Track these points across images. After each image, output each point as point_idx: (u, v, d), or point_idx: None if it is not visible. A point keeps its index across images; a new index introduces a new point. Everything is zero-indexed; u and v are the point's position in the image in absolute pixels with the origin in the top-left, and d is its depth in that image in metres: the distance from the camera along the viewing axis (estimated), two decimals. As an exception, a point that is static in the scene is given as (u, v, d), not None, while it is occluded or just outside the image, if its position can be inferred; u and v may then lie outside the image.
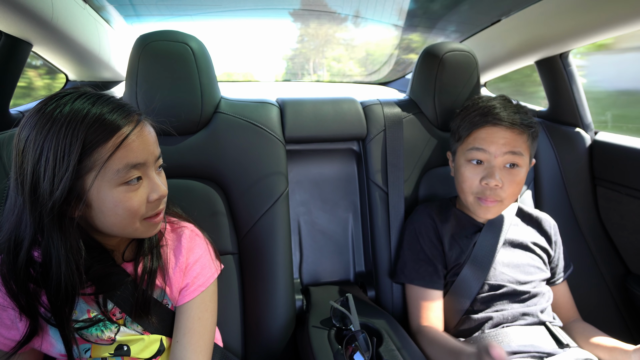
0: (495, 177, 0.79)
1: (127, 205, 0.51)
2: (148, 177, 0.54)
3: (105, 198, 0.50)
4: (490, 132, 0.81)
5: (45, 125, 0.47)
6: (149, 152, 0.53)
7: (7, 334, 0.55)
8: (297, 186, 1.08)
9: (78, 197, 0.49)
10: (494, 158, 0.80)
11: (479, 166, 0.83)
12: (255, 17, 1.55)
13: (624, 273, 1.09)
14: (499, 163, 0.81)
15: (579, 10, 0.95)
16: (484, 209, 0.83)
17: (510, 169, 0.81)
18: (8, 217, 0.51)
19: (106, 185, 0.49)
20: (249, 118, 0.91)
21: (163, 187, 0.56)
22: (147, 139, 0.54)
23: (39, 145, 0.47)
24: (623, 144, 1.08)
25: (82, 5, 1.03)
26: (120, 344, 0.58)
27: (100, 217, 0.51)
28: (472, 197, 0.84)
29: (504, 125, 0.80)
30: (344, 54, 2.02)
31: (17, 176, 0.49)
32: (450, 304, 0.85)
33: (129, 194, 0.51)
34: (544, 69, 1.23)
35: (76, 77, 1.26)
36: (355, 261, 1.08)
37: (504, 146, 0.80)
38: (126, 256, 0.60)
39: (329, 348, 0.72)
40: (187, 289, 0.63)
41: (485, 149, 0.81)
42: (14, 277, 0.51)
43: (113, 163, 0.49)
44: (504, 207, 0.83)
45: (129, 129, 0.50)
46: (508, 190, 0.81)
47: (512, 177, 0.81)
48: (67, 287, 0.49)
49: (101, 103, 0.50)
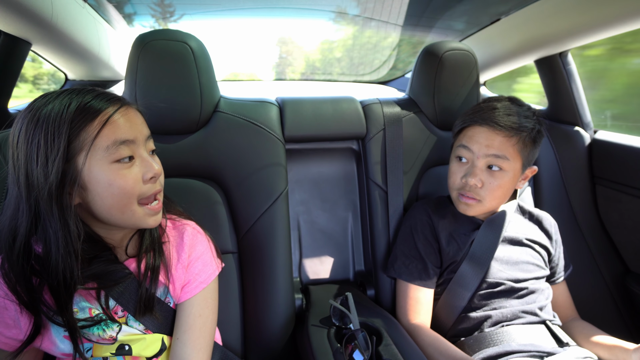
0: (475, 176, 0.80)
1: (121, 184, 0.52)
2: (140, 156, 0.55)
3: (98, 177, 0.51)
4: (476, 132, 0.82)
5: (34, 116, 0.49)
6: (137, 130, 0.54)
7: (8, 333, 0.55)
8: (296, 185, 1.08)
9: (72, 180, 0.50)
10: (476, 158, 0.81)
11: (464, 164, 0.84)
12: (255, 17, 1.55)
13: (623, 271, 1.10)
14: (481, 164, 0.81)
15: (578, 10, 0.95)
16: (463, 205, 0.84)
17: (493, 171, 0.80)
18: (7, 209, 0.52)
19: (98, 163, 0.51)
20: (248, 117, 0.91)
21: (157, 165, 0.56)
22: (133, 118, 0.55)
23: (30, 134, 0.49)
24: (622, 142, 1.09)
25: (82, 5, 1.03)
26: (122, 344, 0.58)
27: (98, 200, 0.52)
28: (455, 192, 0.86)
29: (489, 126, 0.80)
30: (344, 53, 2.02)
31: (13, 168, 0.51)
32: (448, 302, 0.85)
33: (122, 172, 0.52)
34: (544, 67, 1.23)
35: (75, 76, 1.26)
36: (355, 260, 1.08)
37: (486, 147, 0.79)
38: (128, 253, 0.61)
39: (328, 347, 0.72)
40: (188, 286, 0.63)
41: (469, 148, 0.82)
42: (13, 268, 0.51)
43: (101, 140, 0.50)
44: (485, 207, 0.83)
45: (114, 109, 0.52)
46: (488, 191, 0.80)
47: (493, 179, 0.80)
48: (65, 271, 0.50)
49: (84, 93, 0.52)
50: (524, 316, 0.80)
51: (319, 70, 2.19)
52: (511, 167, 0.80)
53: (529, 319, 0.80)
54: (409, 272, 0.87)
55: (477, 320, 0.81)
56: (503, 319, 0.80)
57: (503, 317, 0.80)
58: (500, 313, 0.80)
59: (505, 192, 0.83)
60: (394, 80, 1.94)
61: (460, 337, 0.82)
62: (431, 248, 0.87)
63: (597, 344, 0.80)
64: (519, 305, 0.81)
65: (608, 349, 0.78)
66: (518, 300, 0.82)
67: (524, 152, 0.81)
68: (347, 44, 1.93)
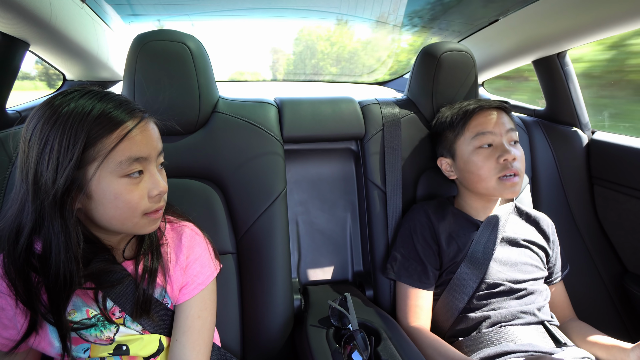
0: (510, 151, 0.82)
1: (127, 198, 0.52)
2: (149, 172, 0.55)
3: (106, 189, 0.51)
4: (486, 115, 0.86)
5: (52, 116, 0.48)
6: (152, 147, 0.55)
7: (5, 334, 0.55)
8: (295, 186, 1.08)
9: (79, 188, 0.50)
10: (500, 137, 0.84)
11: (490, 149, 0.84)
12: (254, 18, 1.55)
13: (621, 272, 1.10)
14: (506, 140, 0.84)
15: (576, 10, 0.96)
16: (509, 187, 0.82)
17: (513, 145, 0.85)
18: (12, 205, 0.52)
19: (108, 176, 0.50)
20: (247, 118, 0.91)
21: (163, 183, 0.57)
22: (151, 134, 0.55)
23: (45, 135, 0.48)
24: (620, 143, 1.09)
25: (80, 5, 1.03)
26: (119, 344, 0.58)
27: (100, 210, 0.52)
28: (494, 180, 0.83)
29: (494, 107, 0.87)
30: (343, 54, 2.02)
31: (23, 165, 0.50)
32: (447, 303, 0.85)
33: (130, 187, 0.52)
34: (541, 68, 1.24)
35: (74, 77, 1.25)
36: (354, 260, 1.08)
37: (502, 125, 0.85)
38: (126, 254, 0.61)
39: (327, 347, 0.72)
40: (186, 287, 0.63)
41: (492, 131, 0.84)
42: (14, 264, 0.51)
43: (116, 154, 0.50)
44: (521, 182, 0.84)
45: (133, 123, 0.52)
46: (521, 162, 0.84)
47: (518, 151, 0.84)
48: (65, 274, 0.50)
49: (107, 99, 0.52)
50: (522, 317, 0.80)
51: (318, 71, 2.19)
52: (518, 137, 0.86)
53: (527, 319, 0.80)
54: (409, 275, 0.87)
55: (475, 321, 0.81)
56: (502, 319, 0.80)
57: (502, 318, 0.80)
58: (499, 314, 0.80)
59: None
60: (392, 81, 1.94)
61: (458, 337, 0.82)
62: (430, 250, 0.87)
63: (594, 344, 0.80)
64: (518, 306, 0.81)
65: (605, 348, 0.78)
66: (517, 301, 0.82)
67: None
68: (346, 44, 1.93)
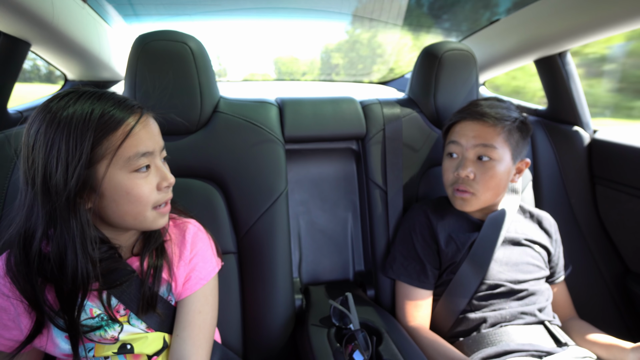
0: (465, 167, 0.82)
1: (139, 192, 0.53)
2: (156, 165, 0.56)
3: (117, 186, 0.52)
4: (463, 126, 0.85)
5: (53, 120, 0.49)
6: (155, 141, 0.56)
7: (7, 335, 0.55)
8: (296, 185, 1.08)
9: (91, 188, 0.51)
10: (465, 150, 0.83)
11: (455, 159, 0.86)
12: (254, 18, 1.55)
13: (623, 271, 1.10)
14: (471, 155, 0.83)
15: (578, 10, 0.95)
16: (459, 200, 0.85)
17: (483, 161, 0.82)
18: (18, 212, 0.52)
19: (118, 173, 0.52)
20: (248, 117, 0.91)
21: (170, 174, 0.58)
22: (152, 129, 0.57)
23: (49, 137, 0.48)
24: (622, 142, 1.09)
25: (81, 5, 1.03)
26: (124, 343, 0.58)
27: (113, 207, 0.53)
28: (450, 189, 0.87)
29: (474, 118, 0.83)
30: (344, 54, 2.02)
31: (28, 170, 0.50)
32: (447, 303, 0.85)
33: (140, 181, 0.53)
34: (543, 68, 1.23)
35: (75, 77, 1.26)
36: (355, 260, 1.08)
37: (473, 138, 0.82)
38: (134, 252, 0.61)
39: (328, 347, 0.72)
40: (188, 282, 0.63)
41: (457, 142, 0.84)
42: (25, 271, 0.51)
43: (124, 151, 0.51)
44: (480, 201, 0.84)
45: (135, 120, 0.53)
46: (481, 183, 0.81)
47: (484, 170, 0.81)
48: (83, 275, 0.51)
49: (104, 99, 0.52)
50: (523, 317, 0.80)
51: (319, 71, 2.20)
52: (500, 156, 0.81)
53: (527, 319, 0.80)
54: (408, 274, 0.87)
55: (476, 322, 0.81)
56: (502, 320, 0.80)
57: (502, 319, 0.80)
58: (500, 314, 0.80)
59: (499, 184, 0.83)
60: (393, 81, 1.94)
61: (458, 337, 0.82)
62: (429, 249, 0.87)
63: (595, 344, 0.80)
64: (518, 307, 0.81)
65: (606, 348, 0.78)
66: (517, 301, 0.82)
67: (511, 142, 0.82)
68: (347, 44, 1.93)
